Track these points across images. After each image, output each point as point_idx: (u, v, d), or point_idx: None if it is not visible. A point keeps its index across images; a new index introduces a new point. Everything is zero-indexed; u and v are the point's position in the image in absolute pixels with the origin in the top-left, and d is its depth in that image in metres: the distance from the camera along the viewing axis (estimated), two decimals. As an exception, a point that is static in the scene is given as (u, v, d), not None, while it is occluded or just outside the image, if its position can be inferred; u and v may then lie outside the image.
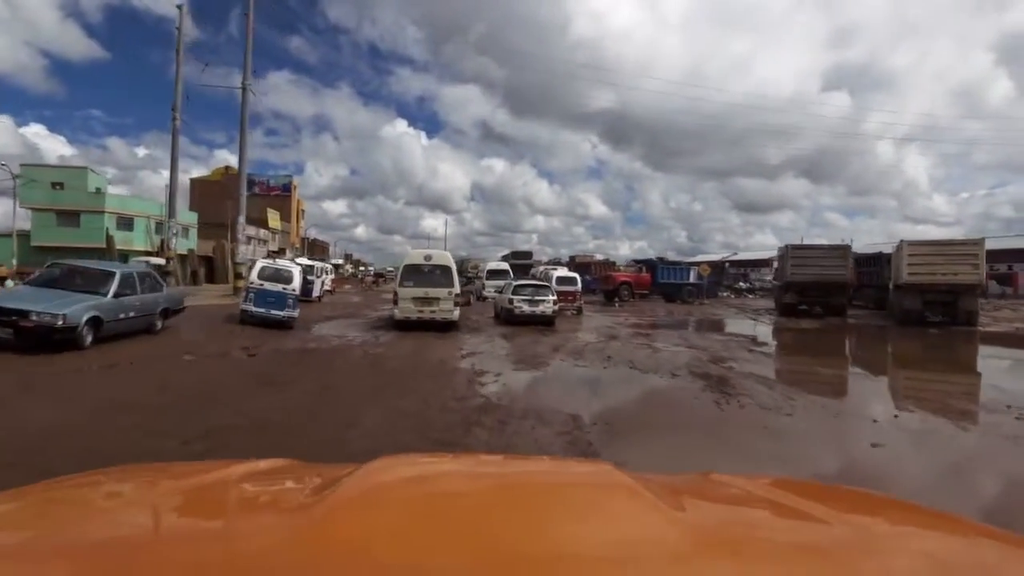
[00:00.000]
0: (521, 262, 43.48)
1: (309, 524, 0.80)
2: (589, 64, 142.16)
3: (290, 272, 15.11)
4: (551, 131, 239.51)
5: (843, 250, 22.23)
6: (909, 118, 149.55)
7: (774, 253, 70.91)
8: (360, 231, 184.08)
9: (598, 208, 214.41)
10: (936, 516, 1.09)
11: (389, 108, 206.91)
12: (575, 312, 21.68)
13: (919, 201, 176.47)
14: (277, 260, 17.57)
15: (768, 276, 49.62)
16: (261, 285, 14.50)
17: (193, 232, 50.89)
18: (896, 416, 6.59)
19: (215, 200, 60.42)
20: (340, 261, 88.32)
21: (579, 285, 23.33)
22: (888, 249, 26.82)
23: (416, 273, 14.63)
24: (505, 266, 33.08)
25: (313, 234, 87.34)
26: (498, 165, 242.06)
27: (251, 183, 75.66)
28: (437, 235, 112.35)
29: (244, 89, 20.95)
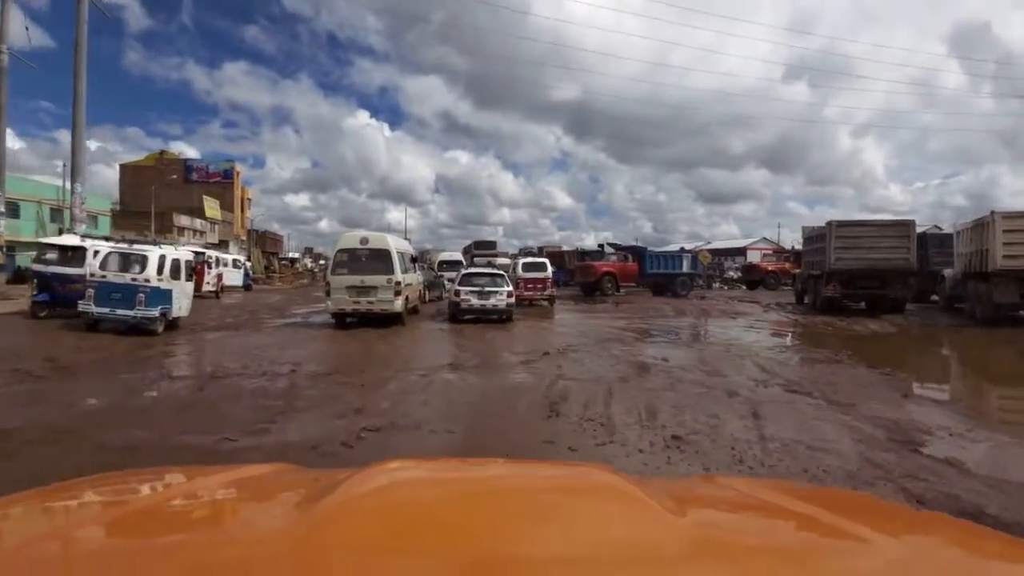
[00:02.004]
0: (484, 252, 37.96)
1: (304, 528, 0.77)
2: (552, 48, 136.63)
3: (143, 257, 11.41)
4: (515, 123, 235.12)
5: (905, 227, 16.85)
6: (866, 108, 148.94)
7: (743, 243, 67.36)
8: (324, 224, 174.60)
9: (563, 200, 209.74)
10: (945, 522, 1.05)
11: (350, 99, 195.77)
12: (547, 302, 19.58)
13: (876, 190, 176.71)
14: (134, 244, 12.59)
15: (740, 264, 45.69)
16: (103, 277, 11.22)
17: (105, 220, 43.24)
18: None
19: (148, 187, 53.46)
20: (297, 255, 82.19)
21: (549, 271, 20.70)
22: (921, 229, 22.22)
23: (351, 259, 12.68)
24: (458, 256, 29.95)
25: (275, 228, 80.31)
26: (462, 157, 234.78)
27: (189, 168, 68.43)
28: (401, 227, 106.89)
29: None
